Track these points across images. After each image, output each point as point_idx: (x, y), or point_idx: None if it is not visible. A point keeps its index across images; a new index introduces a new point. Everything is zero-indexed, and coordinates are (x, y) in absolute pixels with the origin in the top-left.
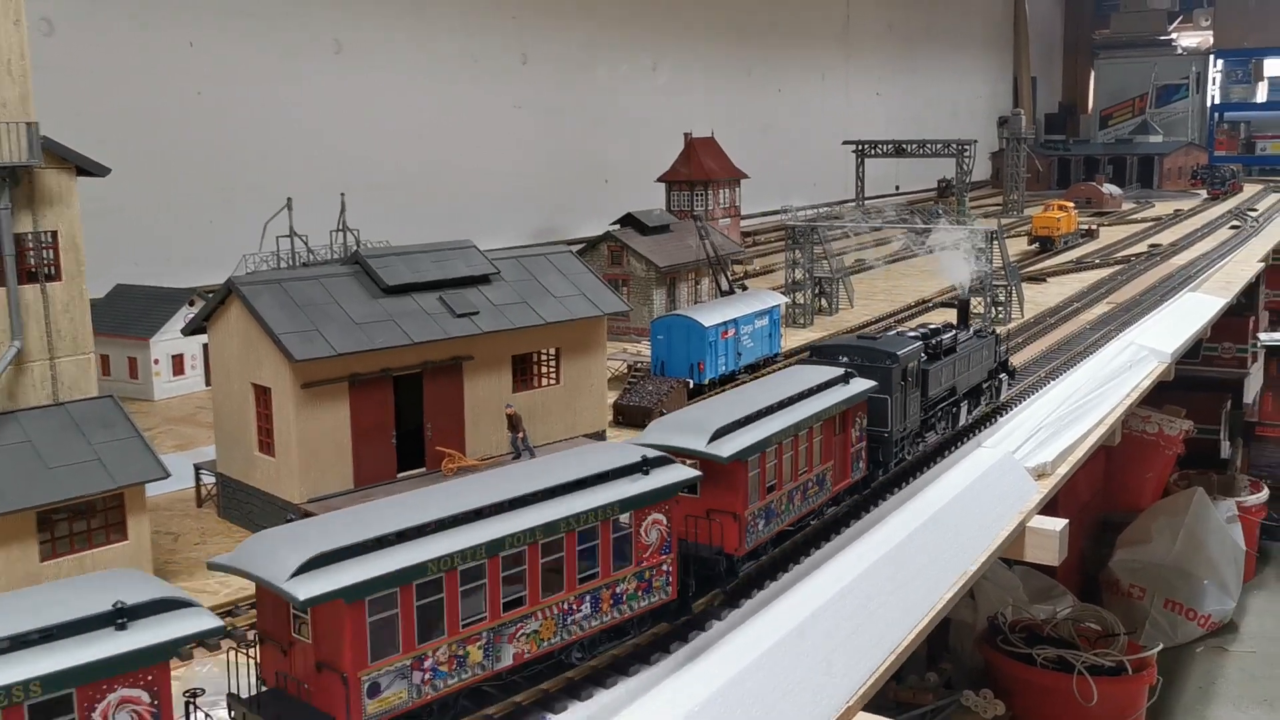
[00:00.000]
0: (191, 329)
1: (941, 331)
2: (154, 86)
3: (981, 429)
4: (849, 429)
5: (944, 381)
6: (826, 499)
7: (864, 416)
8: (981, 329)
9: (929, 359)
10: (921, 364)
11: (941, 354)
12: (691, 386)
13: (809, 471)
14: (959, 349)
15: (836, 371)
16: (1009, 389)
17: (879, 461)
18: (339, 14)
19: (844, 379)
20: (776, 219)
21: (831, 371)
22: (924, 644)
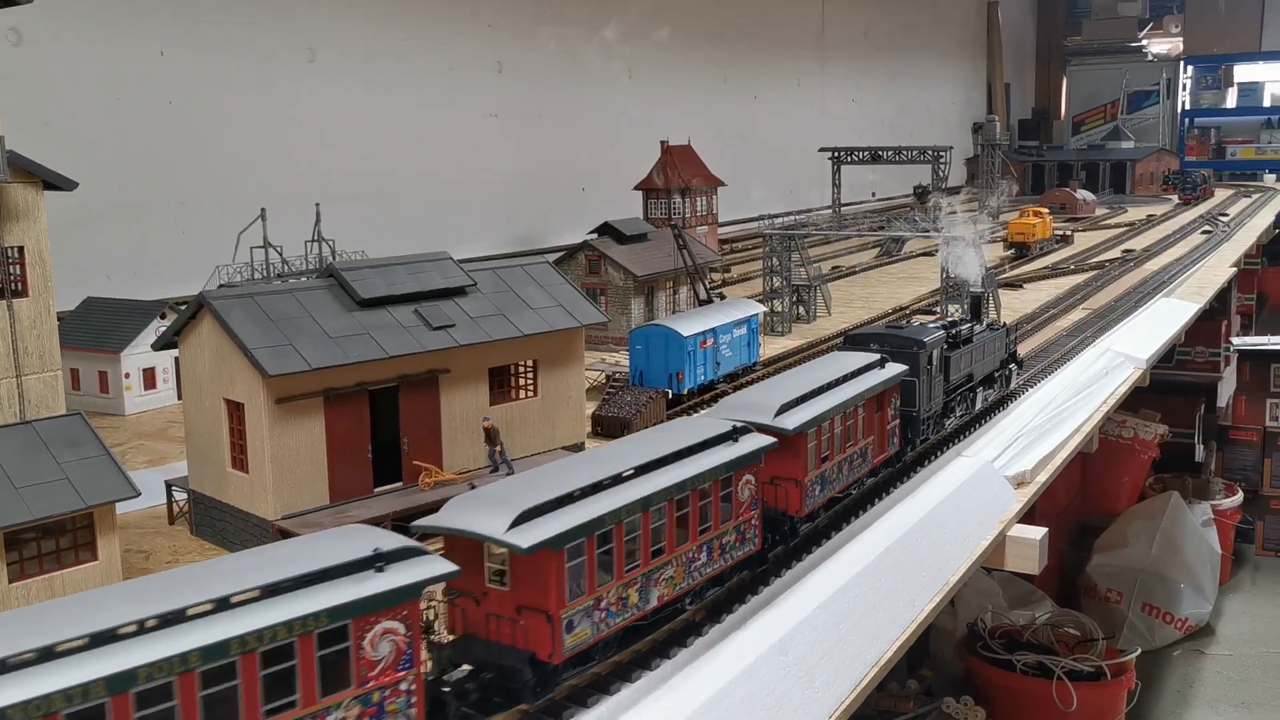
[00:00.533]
0: (161, 344)
1: (960, 323)
2: (125, 96)
3: (982, 423)
4: (885, 408)
5: (963, 368)
6: (867, 471)
7: (898, 397)
8: (993, 322)
9: (949, 347)
10: (944, 351)
11: (960, 343)
12: (670, 396)
13: (855, 445)
14: (975, 339)
15: (873, 356)
16: (1018, 378)
17: (908, 439)
18: (313, 23)
19: (880, 363)
20: (754, 226)
21: (869, 356)
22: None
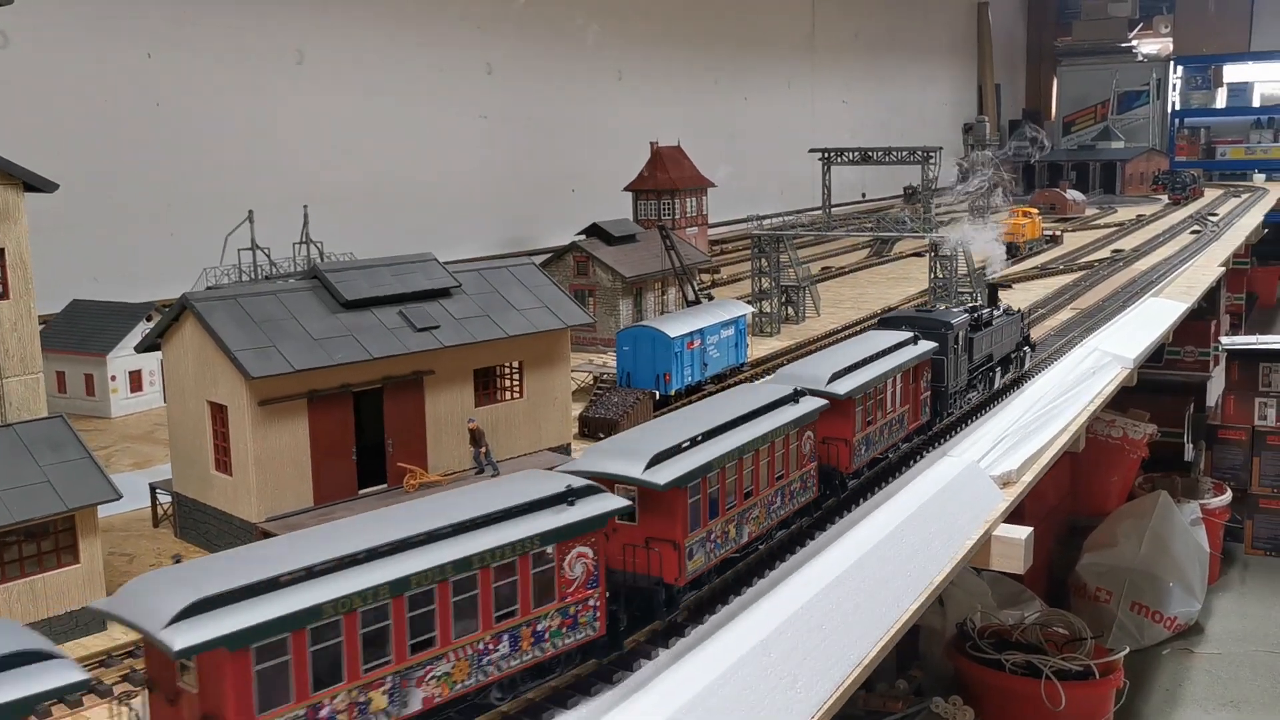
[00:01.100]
0: (145, 346)
1: (980, 308)
2: (112, 98)
3: (991, 407)
4: (919, 380)
5: (984, 349)
6: (903, 436)
7: (929, 372)
8: (1009, 308)
9: (972, 329)
10: (968, 333)
11: (982, 326)
12: (658, 398)
13: (894, 411)
14: (993, 323)
15: (908, 334)
16: (1031, 360)
17: (937, 411)
18: (301, 25)
19: (913, 340)
20: (744, 227)
21: (903, 334)
22: (893, 651)
